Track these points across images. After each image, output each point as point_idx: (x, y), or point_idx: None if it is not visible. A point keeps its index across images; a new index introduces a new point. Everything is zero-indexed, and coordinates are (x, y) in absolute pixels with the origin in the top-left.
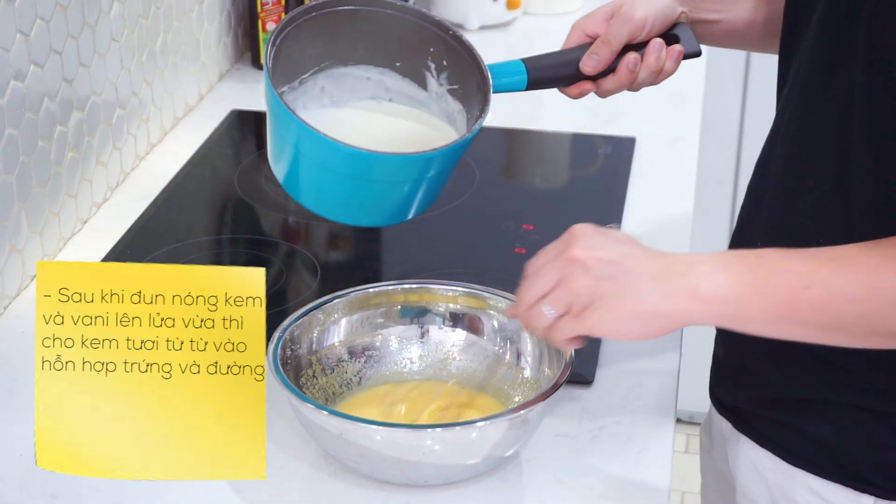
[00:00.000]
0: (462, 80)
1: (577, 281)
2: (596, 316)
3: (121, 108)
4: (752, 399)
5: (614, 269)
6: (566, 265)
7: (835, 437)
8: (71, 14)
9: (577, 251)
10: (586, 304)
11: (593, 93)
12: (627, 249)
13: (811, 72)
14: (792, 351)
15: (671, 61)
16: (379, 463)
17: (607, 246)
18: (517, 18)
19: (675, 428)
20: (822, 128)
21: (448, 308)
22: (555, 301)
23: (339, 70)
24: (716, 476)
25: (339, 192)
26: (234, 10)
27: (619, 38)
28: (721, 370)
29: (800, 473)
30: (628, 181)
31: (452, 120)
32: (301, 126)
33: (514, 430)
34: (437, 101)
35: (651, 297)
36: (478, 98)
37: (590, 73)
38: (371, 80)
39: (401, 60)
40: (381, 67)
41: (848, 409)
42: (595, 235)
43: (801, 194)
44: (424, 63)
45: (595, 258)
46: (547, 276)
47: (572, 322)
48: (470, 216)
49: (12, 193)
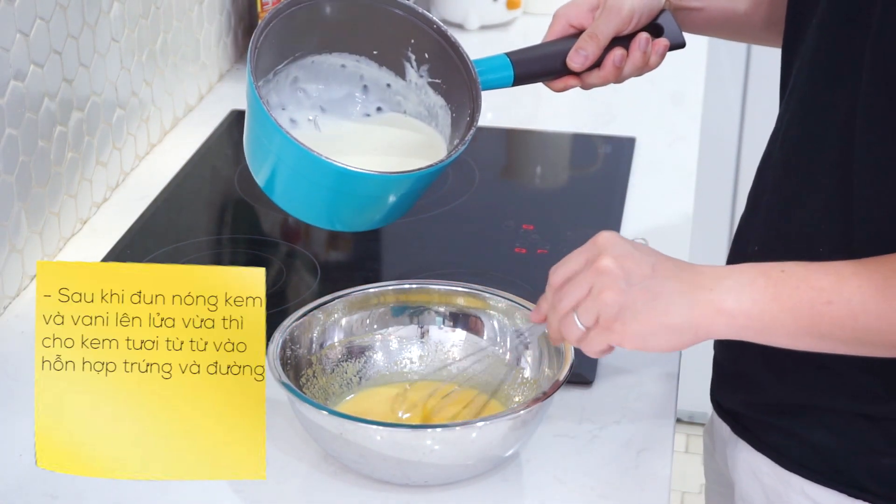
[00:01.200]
0: (445, 76)
1: (608, 291)
2: (625, 328)
3: (121, 108)
4: (750, 403)
5: (643, 280)
6: (598, 276)
7: (830, 443)
8: (71, 14)
9: (607, 261)
10: (616, 315)
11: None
12: (654, 260)
13: (811, 78)
14: (788, 357)
15: (656, 56)
16: (379, 463)
17: (636, 256)
18: (517, 18)
19: (676, 428)
20: (823, 135)
21: (448, 308)
22: (584, 313)
23: (311, 59)
24: (718, 478)
25: (317, 201)
26: (234, 10)
27: (606, 34)
28: (720, 374)
29: (795, 478)
30: (628, 181)
31: (434, 114)
32: (285, 138)
33: (515, 431)
34: (415, 91)
35: (679, 311)
36: (465, 98)
37: (577, 69)
38: (346, 68)
39: (378, 49)
40: (357, 55)
41: (843, 415)
42: (623, 244)
43: (800, 201)
44: (404, 53)
45: (624, 268)
46: (579, 286)
47: (602, 334)
48: (470, 216)
49: (12, 193)
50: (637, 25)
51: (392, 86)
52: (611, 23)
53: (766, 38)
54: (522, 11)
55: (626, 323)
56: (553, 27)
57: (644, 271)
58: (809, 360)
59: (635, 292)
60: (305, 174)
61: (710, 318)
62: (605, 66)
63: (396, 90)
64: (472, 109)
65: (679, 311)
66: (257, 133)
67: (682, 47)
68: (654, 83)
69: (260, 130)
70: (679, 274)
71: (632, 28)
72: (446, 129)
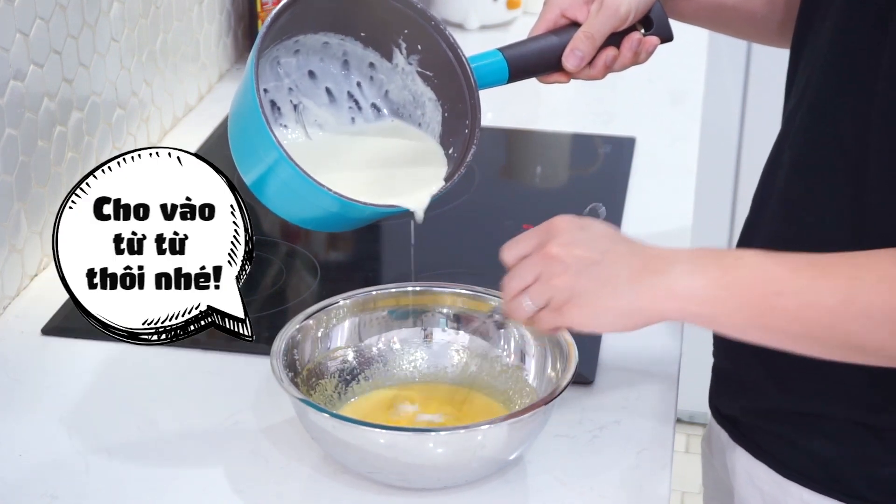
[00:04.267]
0: (438, 71)
1: (556, 278)
2: (575, 311)
3: (121, 108)
4: (749, 410)
5: (593, 266)
6: (545, 262)
7: (829, 452)
8: (71, 14)
9: (555, 248)
10: (566, 298)
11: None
12: (606, 245)
13: (825, 80)
14: (788, 363)
15: (645, 53)
16: (382, 466)
17: (586, 242)
18: (517, 18)
19: (676, 428)
20: (835, 138)
21: (452, 310)
22: (535, 295)
23: (295, 39)
24: (716, 484)
25: (304, 211)
26: (234, 10)
27: (603, 34)
28: (719, 379)
29: (794, 486)
30: (628, 181)
31: (420, 103)
32: (283, 158)
33: (518, 434)
34: (401, 75)
35: (628, 294)
36: (461, 103)
37: (572, 70)
38: (329, 45)
39: (367, 32)
40: (343, 35)
41: (843, 424)
42: (574, 231)
43: (808, 205)
44: (394, 40)
45: (573, 255)
46: (526, 271)
47: (552, 315)
48: (470, 216)
49: (12, 193)
50: (631, 22)
51: (376, 65)
52: (608, 22)
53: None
54: (522, 11)
55: (577, 306)
56: (545, 15)
57: (594, 257)
58: (810, 368)
59: (584, 279)
60: (297, 190)
61: (660, 302)
62: (595, 65)
63: (380, 70)
64: (471, 127)
65: (627, 295)
66: (253, 142)
67: (669, 41)
68: (654, 83)
69: (257, 140)
70: (630, 258)
71: (626, 26)
72: (436, 124)
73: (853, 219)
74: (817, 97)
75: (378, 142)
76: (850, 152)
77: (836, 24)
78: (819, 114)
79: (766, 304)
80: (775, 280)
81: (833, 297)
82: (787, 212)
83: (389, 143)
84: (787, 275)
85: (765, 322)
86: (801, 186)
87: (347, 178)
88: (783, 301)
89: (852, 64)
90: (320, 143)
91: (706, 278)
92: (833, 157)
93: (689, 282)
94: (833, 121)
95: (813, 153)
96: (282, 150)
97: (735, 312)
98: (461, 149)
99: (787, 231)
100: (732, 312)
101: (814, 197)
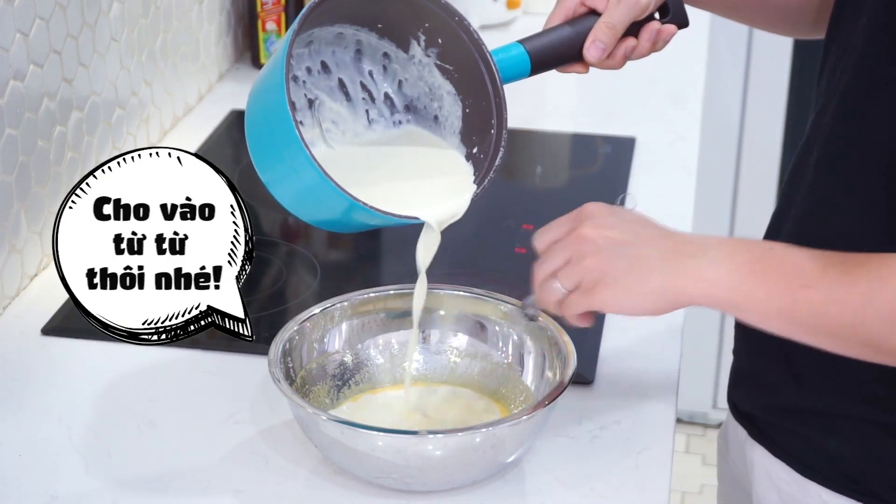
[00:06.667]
0: (459, 65)
1: (588, 259)
2: (605, 291)
3: (120, 108)
4: (767, 407)
5: (624, 248)
6: (577, 243)
7: (847, 451)
8: (70, 14)
9: (587, 230)
10: (596, 280)
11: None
12: (639, 229)
13: (858, 77)
14: (808, 361)
15: (662, 42)
16: (380, 469)
17: (618, 225)
18: (517, 18)
19: (676, 428)
20: (867, 136)
21: (450, 312)
22: (565, 277)
23: (311, 31)
24: (732, 482)
25: (320, 213)
26: (234, 9)
27: (624, 24)
28: (738, 375)
29: (812, 485)
30: (628, 181)
31: (438, 96)
32: (311, 166)
33: (517, 436)
34: (418, 67)
35: (658, 276)
36: (485, 103)
37: (594, 62)
38: (343, 36)
39: (384, 24)
40: (358, 26)
41: (861, 424)
42: (606, 215)
43: (836, 202)
44: (413, 32)
45: (605, 237)
46: (557, 254)
47: (582, 297)
48: (469, 216)
49: (12, 193)
50: (651, 11)
51: (391, 56)
52: (629, 12)
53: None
54: (522, 11)
55: (607, 287)
56: (564, 3)
57: (625, 238)
58: (829, 365)
59: (615, 259)
60: (318, 195)
61: (689, 286)
62: (615, 56)
63: (395, 60)
64: (498, 129)
65: (657, 277)
66: (277, 145)
67: (685, 27)
68: (654, 83)
69: (283, 146)
70: (662, 241)
71: (646, 14)
72: (455, 119)
73: (882, 216)
74: (849, 94)
75: (397, 151)
76: (881, 150)
77: (871, 21)
78: (851, 111)
79: (793, 296)
80: (804, 273)
81: (857, 296)
82: (814, 209)
83: (408, 151)
84: (815, 269)
85: (789, 314)
86: (830, 184)
87: (368, 187)
88: (810, 294)
89: (887, 62)
90: (340, 153)
91: (735, 265)
92: (863, 156)
93: (718, 268)
94: (866, 119)
95: (843, 151)
96: (315, 164)
97: (761, 301)
98: (489, 151)
99: (814, 227)
100: (759, 301)
101: (842, 195)
